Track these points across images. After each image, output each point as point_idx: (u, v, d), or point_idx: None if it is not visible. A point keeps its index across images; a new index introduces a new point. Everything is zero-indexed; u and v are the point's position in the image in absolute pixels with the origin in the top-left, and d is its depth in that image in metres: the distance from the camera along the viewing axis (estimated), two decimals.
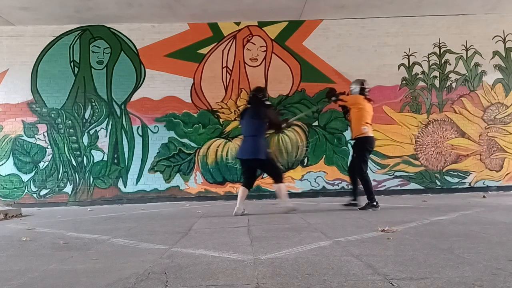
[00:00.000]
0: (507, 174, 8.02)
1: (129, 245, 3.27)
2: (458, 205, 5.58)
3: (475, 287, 1.85)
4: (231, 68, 8.03)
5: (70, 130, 7.83)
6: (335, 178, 7.92)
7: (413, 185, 7.93)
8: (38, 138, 7.78)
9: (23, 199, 7.63)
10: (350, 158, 6.21)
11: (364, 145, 5.30)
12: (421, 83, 8.07)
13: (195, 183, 7.84)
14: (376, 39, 8.08)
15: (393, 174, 7.95)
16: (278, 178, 5.18)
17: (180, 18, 7.78)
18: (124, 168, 7.82)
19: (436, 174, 7.97)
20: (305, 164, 7.92)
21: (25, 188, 7.70)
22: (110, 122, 7.87)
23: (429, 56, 8.12)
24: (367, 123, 5.30)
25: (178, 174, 7.83)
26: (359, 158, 5.35)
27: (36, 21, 7.67)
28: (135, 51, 7.98)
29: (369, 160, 7.83)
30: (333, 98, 5.68)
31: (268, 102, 5.45)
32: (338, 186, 7.86)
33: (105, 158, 7.81)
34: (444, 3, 7.58)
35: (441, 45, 8.14)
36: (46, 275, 2.38)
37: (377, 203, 5.20)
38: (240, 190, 5.24)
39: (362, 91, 5.48)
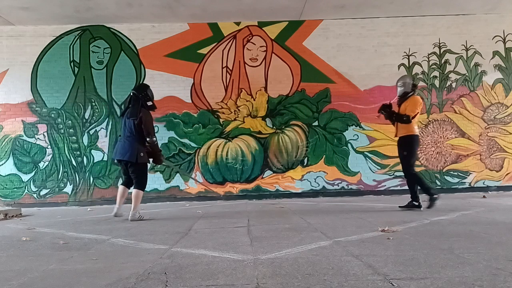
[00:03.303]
0: (507, 174, 8.02)
1: (129, 245, 3.27)
2: (458, 205, 5.58)
3: (475, 287, 1.85)
4: (231, 68, 8.03)
5: (70, 130, 7.83)
6: (335, 178, 7.91)
7: None
8: (38, 138, 7.78)
9: (23, 199, 7.63)
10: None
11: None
12: (421, 83, 8.06)
13: (195, 183, 7.83)
14: (376, 39, 8.09)
15: (393, 174, 7.94)
16: (140, 185, 5.02)
17: (180, 18, 7.78)
18: None
19: (436, 174, 7.97)
20: (305, 164, 7.92)
21: (25, 188, 7.70)
22: (110, 122, 7.87)
23: (429, 56, 8.12)
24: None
25: (178, 174, 7.84)
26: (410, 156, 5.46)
27: (36, 21, 7.67)
28: (135, 51, 7.98)
29: (369, 160, 7.95)
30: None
31: (149, 103, 5.09)
32: (338, 186, 7.86)
33: (105, 158, 7.81)
34: (444, 3, 7.58)
35: (441, 45, 8.14)
36: (46, 275, 2.38)
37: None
38: (119, 189, 5.20)
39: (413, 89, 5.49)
